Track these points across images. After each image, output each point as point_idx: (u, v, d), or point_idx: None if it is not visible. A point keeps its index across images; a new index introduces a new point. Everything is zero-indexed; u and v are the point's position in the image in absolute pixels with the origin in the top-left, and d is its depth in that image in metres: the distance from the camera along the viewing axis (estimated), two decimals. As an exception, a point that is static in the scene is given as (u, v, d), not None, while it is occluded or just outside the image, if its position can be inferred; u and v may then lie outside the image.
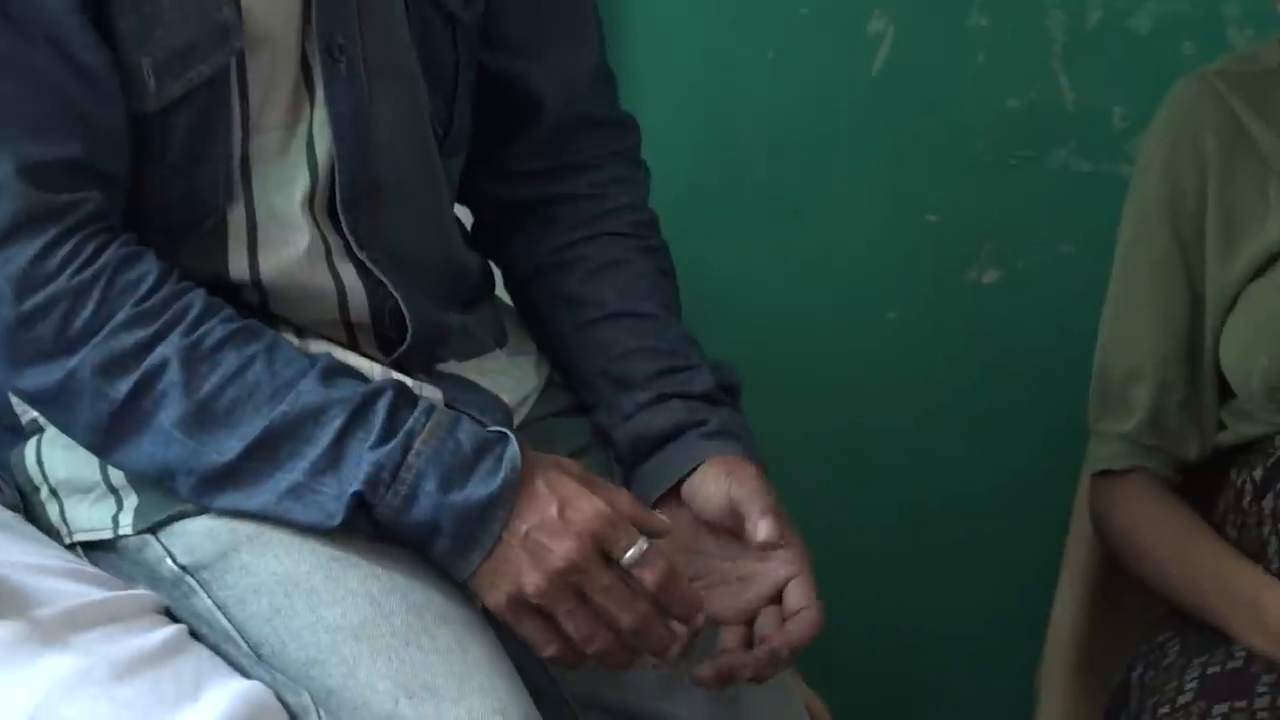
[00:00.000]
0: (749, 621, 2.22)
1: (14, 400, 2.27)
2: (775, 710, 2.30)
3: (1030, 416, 2.87)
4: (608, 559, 2.12)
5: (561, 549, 2.10)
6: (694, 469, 2.29)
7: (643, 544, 2.13)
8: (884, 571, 2.88)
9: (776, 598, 2.22)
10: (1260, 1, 2.66)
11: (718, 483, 2.26)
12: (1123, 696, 2.49)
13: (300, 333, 2.25)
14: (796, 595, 2.21)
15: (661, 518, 2.19)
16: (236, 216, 2.23)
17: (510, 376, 2.36)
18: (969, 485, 2.91)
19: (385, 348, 2.28)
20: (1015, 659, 2.68)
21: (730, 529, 2.25)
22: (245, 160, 2.23)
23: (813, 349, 2.86)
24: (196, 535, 2.18)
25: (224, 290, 2.21)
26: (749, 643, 2.21)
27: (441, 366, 2.31)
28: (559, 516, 2.11)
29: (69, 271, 2.13)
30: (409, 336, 2.27)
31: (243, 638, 2.14)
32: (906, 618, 2.89)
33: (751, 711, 2.27)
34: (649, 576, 2.13)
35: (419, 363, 2.28)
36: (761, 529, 2.20)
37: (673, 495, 2.28)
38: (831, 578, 2.29)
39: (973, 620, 2.90)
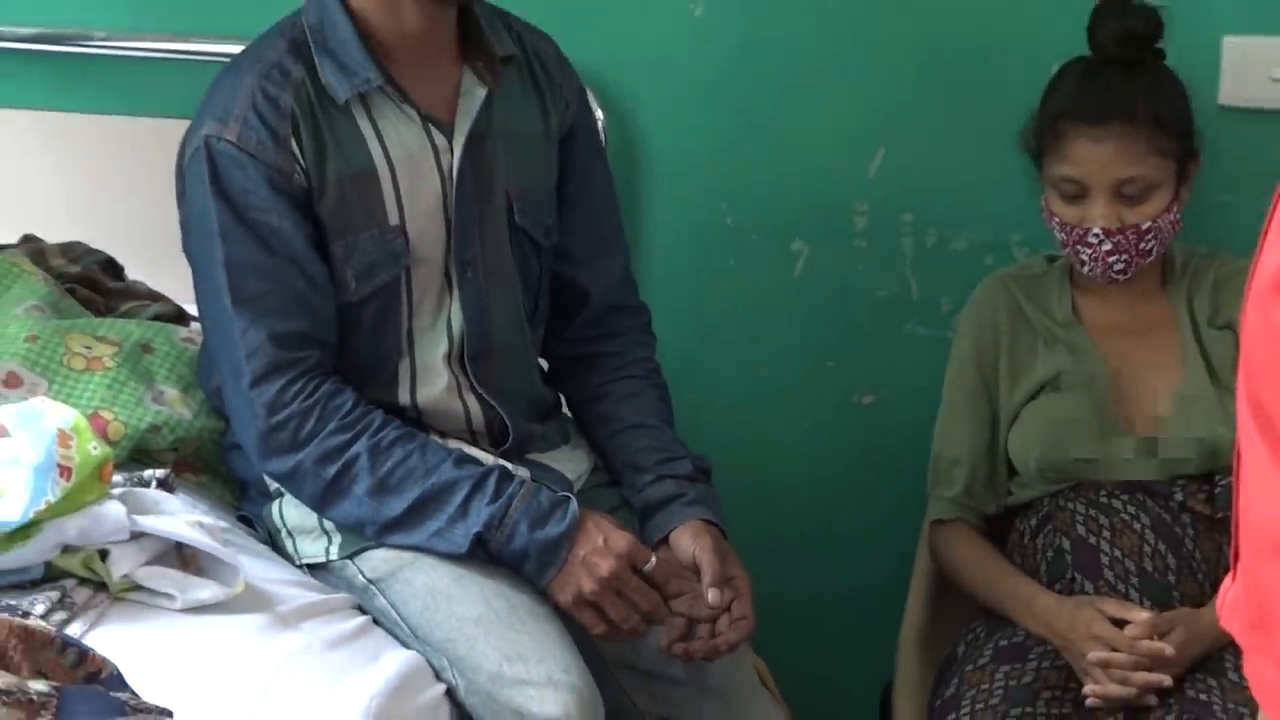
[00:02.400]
0: (713, 621, 2.22)
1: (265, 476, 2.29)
2: (733, 666, 2.29)
3: (892, 485, 2.78)
4: (634, 570, 2.16)
5: (606, 565, 2.14)
6: (675, 528, 2.29)
7: (654, 559, 2.19)
8: (800, 584, 2.81)
9: (728, 609, 2.22)
10: (1033, 232, 2.63)
11: (686, 543, 2.26)
12: (949, 663, 2.46)
13: (443, 435, 2.28)
14: (738, 609, 2.22)
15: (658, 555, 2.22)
16: (403, 367, 2.27)
17: (571, 462, 2.39)
18: (854, 527, 2.84)
19: (495, 445, 2.31)
20: (882, 639, 2.63)
21: (695, 574, 2.24)
22: (410, 333, 2.27)
23: (757, 444, 2.81)
24: (377, 560, 2.22)
25: (394, 412, 2.24)
26: (713, 634, 2.21)
27: (529, 456, 2.34)
28: (603, 545, 2.16)
29: (299, 400, 2.17)
30: (510, 439, 2.31)
31: (405, 624, 2.18)
32: (815, 613, 2.84)
33: (718, 667, 2.27)
34: (659, 579, 2.18)
35: (515, 454, 2.31)
36: (710, 596, 2.21)
37: (664, 542, 2.28)
38: (765, 587, 2.32)
39: (857, 614, 2.83)
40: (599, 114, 2.61)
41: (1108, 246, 2.38)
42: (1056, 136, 2.39)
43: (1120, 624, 2.33)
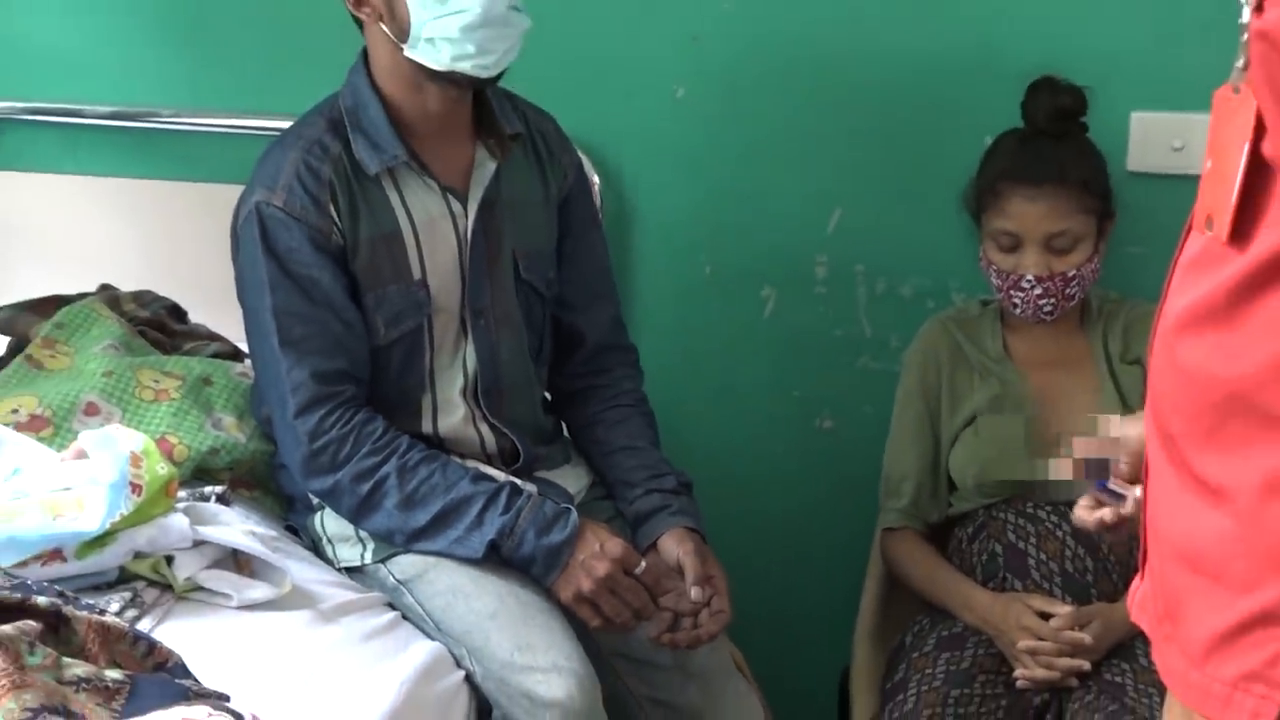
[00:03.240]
0: (695, 614, 2.22)
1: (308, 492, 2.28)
2: (712, 654, 2.30)
3: (849, 498, 2.74)
4: (626, 571, 2.16)
5: (602, 567, 2.15)
6: (662, 535, 2.29)
7: (644, 563, 2.18)
8: (770, 583, 2.79)
9: (708, 604, 2.23)
10: (968, 280, 2.62)
11: (671, 548, 2.27)
12: (898, 652, 2.46)
13: (462, 457, 2.28)
14: (716, 604, 2.23)
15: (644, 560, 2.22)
16: (426, 401, 2.28)
17: (572, 478, 2.39)
18: (816, 534, 2.81)
19: (507, 465, 2.31)
20: (841, 630, 2.61)
21: (680, 574, 2.24)
22: (431, 372, 2.27)
23: (733, 463, 2.78)
24: (405, 563, 2.22)
25: (419, 439, 2.24)
26: (695, 626, 2.21)
27: (536, 474, 2.34)
28: (600, 550, 2.16)
29: (337, 428, 2.18)
30: (520, 460, 2.31)
31: (430, 619, 2.18)
32: (783, 608, 2.81)
33: (699, 654, 2.27)
34: (648, 579, 2.18)
35: (524, 472, 2.31)
36: (693, 593, 2.21)
37: (653, 547, 2.28)
38: (740, 585, 2.32)
39: (819, 609, 2.80)
40: (595, 180, 2.61)
41: (1038, 291, 2.39)
42: (996, 195, 2.40)
43: (1046, 617, 2.34)
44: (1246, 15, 1.36)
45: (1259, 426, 1.38)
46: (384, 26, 2.18)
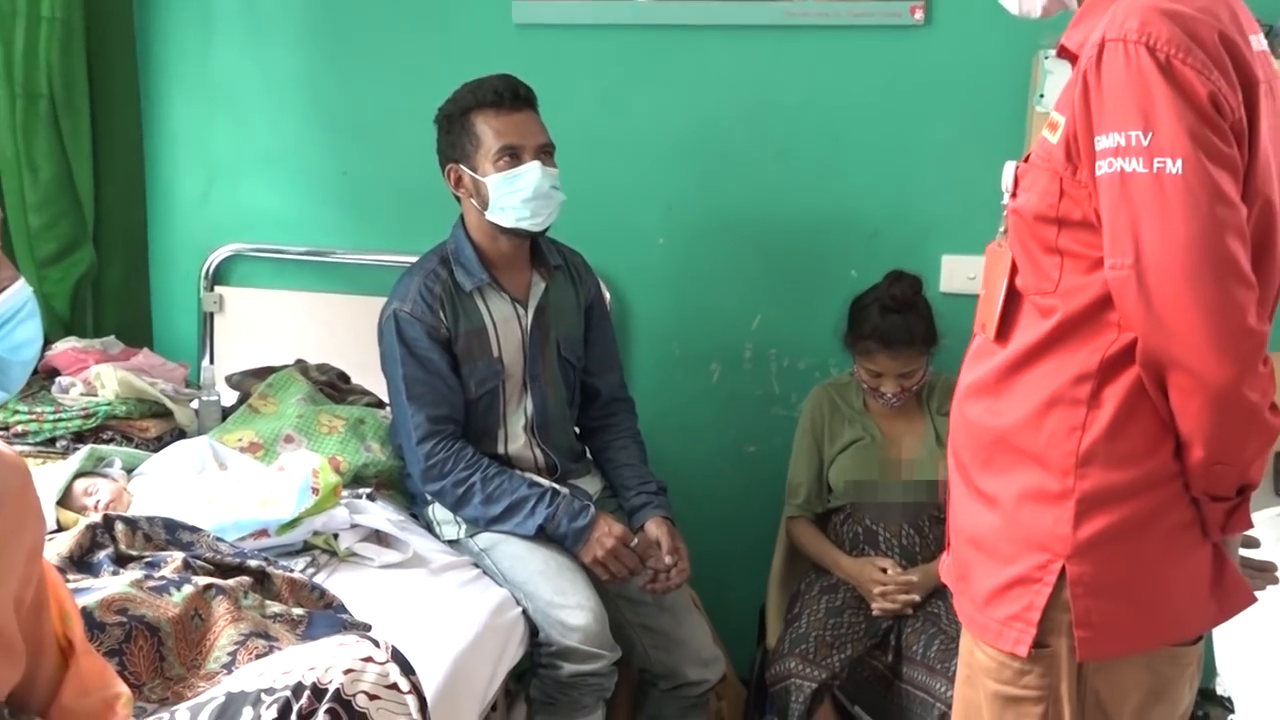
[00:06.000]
0: (668, 571, 2.20)
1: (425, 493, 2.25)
2: (678, 596, 2.26)
3: (764, 496, 2.64)
4: (624, 545, 2.15)
5: (610, 542, 2.14)
6: (647, 521, 2.27)
7: (636, 539, 2.17)
8: (715, 550, 2.71)
9: (676, 565, 2.21)
10: (841, 358, 2.49)
11: (653, 530, 2.25)
12: (795, 596, 2.42)
13: (522, 470, 2.25)
14: (681, 565, 2.22)
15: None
16: (500, 433, 2.26)
17: (591, 484, 2.36)
18: (744, 520, 2.73)
19: (550, 475, 2.28)
20: (759, 581, 2.54)
21: (659, 546, 2.22)
22: (504, 415, 2.25)
23: (692, 474, 2.71)
24: (485, 538, 2.20)
25: (495, 457, 2.22)
26: (668, 579, 2.20)
27: (569, 481, 2.31)
28: (608, 531, 2.14)
29: (442, 451, 2.16)
30: (558, 472, 2.29)
31: (501, 574, 2.16)
32: (723, 566, 2.73)
33: (670, 596, 2.24)
34: (639, 550, 2.17)
35: (561, 480, 2.29)
36: (666, 559, 2.20)
37: (641, 529, 2.26)
38: (696, 552, 2.31)
39: (746, 567, 2.70)
40: (607, 295, 2.60)
41: (893, 399, 2.37)
42: (866, 352, 2.34)
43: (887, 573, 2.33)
44: (1006, 198, 1.42)
45: (1014, 459, 1.41)
46: (473, 200, 2.20)
